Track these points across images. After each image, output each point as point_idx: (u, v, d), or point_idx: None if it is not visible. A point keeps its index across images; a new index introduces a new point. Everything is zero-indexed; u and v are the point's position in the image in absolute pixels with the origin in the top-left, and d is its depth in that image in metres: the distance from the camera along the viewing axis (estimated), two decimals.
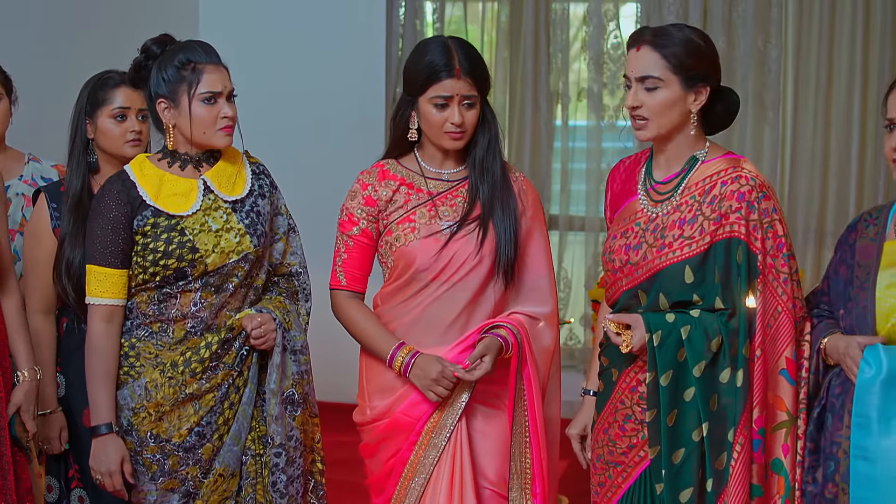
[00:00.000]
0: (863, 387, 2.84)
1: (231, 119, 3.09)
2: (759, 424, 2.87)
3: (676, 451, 2.89)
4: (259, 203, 3.17)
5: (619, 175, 3.15)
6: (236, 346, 3.12)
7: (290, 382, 3.14)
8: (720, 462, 2.88)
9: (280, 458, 3.12)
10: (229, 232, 3.10)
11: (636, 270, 2.97)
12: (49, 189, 3.46)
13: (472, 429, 3.17)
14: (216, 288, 3.09)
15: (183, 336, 3.09)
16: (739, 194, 2.89)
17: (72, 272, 3.31)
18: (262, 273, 3.18)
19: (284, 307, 3.19)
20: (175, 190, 3.10)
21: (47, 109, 4.49)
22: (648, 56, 2.92)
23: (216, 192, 3.12)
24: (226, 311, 3.11)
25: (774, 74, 6.22)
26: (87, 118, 3.40)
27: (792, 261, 2.94)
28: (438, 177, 3.23)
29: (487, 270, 3.16)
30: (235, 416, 3.12)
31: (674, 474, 2.89)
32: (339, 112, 6.18)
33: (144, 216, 3.07)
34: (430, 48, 3.14)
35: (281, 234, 3.25)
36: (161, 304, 3.09)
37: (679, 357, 2.87)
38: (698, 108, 2.93)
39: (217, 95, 3.07)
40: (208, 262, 3.07)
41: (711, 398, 2.88)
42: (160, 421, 3.08)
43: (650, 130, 2.95)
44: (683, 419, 2.89)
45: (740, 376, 2.86)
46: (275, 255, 3.23)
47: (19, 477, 3.18)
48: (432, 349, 3.14)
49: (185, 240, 3.07)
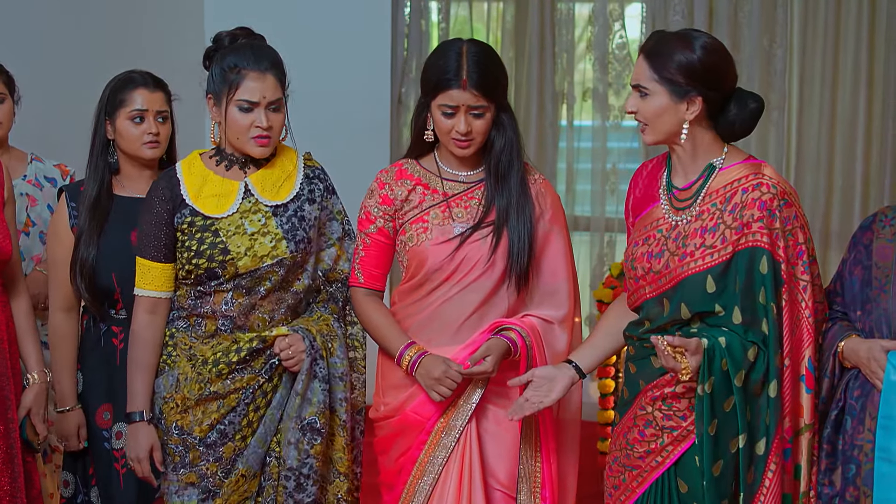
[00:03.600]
0: (890, 388, 2.82)
1: (265, 129, 3.08)
2: (788, 434, 2.87)
3: (717, 462, 2.86)
4: (305, 208, 3.17)
5: (642, 179, 3.13)
6: (266, 356, 3.13)
7: (313, 410, 3.11)
8: (750, 475, 2.86)
9: (289, 481, 3.11)
10: (265, 236, 3.11)
11: (659, 279, 2.95)
12: (70, 188, 3.48)
13: (482, 430, 3.18)
14: (248, 290, 3.11)
15: (214, 331, 3.13)
16: (761, 202, 2.86)
17: (86, 271, 3.32)
18: (305, 278, 3.17)
19: (328, 330, 3.18)
20: (216, 191, 3.13)
21: (50, 109, 4.50)
22: (641, 65, 2.94)
23: (257, 196, 3.14)
24: (257, 312, 3.13)
25: (780, 74, 6.21)
26: (106, 119, 3.41)
27: (813, 266, 2.92)
28: (455, 178, 3.23)
29: (500, 274, 3.16)
30: (262, 419, 3.13)
31: (712, 485, 2.85)
32: (343, 112, 6.17)
33: (183, 214, 3.12)
34: (445, 53, 3.13)
35: (334, 240, 3.25)
36: (197, 299, 3.14)
37: (723, 366, 2.83)
38: (692, 117, 2.92)
39: (253, 105, 3.07)
40: (239, 265, 3.08)
41: (746, 409, 2.85)
42: (185, 413, 3.11)
43: (649, 135, 2.97)
44: (724, 430, 2.85)
45: (773, 387, 2.84)
46: (326, 261, 3.22)
47: (30, 479, 3.19)
48: (444, 348, 3.15)
49: (218, 241, 3.09)
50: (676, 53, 2.91)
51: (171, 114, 3.46)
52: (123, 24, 5.62)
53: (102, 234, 3.36)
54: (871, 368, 2.87)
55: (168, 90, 3.46)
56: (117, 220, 3.38)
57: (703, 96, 2.91)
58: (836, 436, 2.95)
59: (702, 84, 2.91)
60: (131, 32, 5.64)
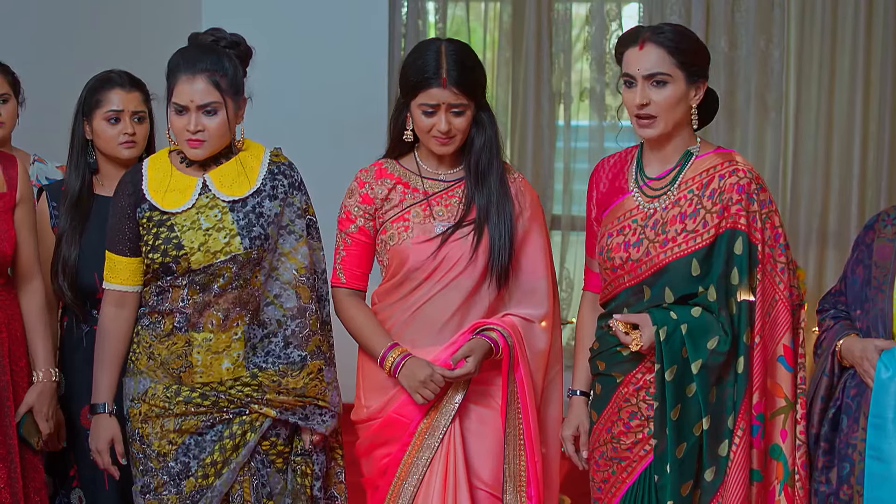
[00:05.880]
0: (880, 387, 2.85)
1: (193, 133, 3.04)
2: (758, 410, 2.91)
3: (680, 445, 2.92)
4: (265, 204, 3.12)
5: (605, 174, 3.16)
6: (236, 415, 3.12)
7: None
8: (721, 450, 2.91)
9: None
10: (220, 232, 3.08)
11: (638, 267, 2.98)
12: (51, 188, 3.48)
13: (466, 430, 3.18)
14: (202, 287, 3.08)
15: (170, 330, 3.10)
16: (739, 186, 2.93)
17: (68, 270, 3.32)
18: (262, 276, 3.11)
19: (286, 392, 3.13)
20: (175, 186, 3.11)
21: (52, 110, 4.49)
22: (654, 52, 2.94)
23: (214, 191, 3.11)
24: (212, 310, 3.08)
25: (777, 75, 6.21)
26: (84, 119, 3.41)
27: (788, 251, 2.99)
28: (435, 177, 3.23)
29: (481, 272, 3.17)
30: (228, 463, 3.10)
31: (677, 468, 2.92)
32: (340, 112, 6.17)
33: (143, 208, 3.11)
34: (423, 52, 3.13)
35: (303, 236, 3.17)
36: (158, 295, 3.12)
37: (683, 353, 2.90)
38: (697, 102, 2.96)
39: (184, 108, 3.04)
40: (192, 260, 3.06)
41: (711, 392, 2.91)
42: (145, 424, 3.11)
43: (657, 128, 2.97)
44: (687, 413, 2.92)
45: (741, 363, 2.90)
46: (298, 258, 3.15)
47: (30, 476, 3.19)
48: (427, 348, 3.15)
49: (173, 236, 3.07)
50: (685, 39, 2.95)
51: (149, 113, 3.46)
52: (124, 24, 5.63)
53: (84, 234, 3.36)
54: (863, 367, 2.90)
55: (146, 90, 3.47)
56: (98, 219, 3.38)
57: (707, 81, 2.98)
58: (833, 434, 2.97)
59: (706, 68, 2.98)
60: (131, 33, 5.65)
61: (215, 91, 3.05)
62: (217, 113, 3.05)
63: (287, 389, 3.09)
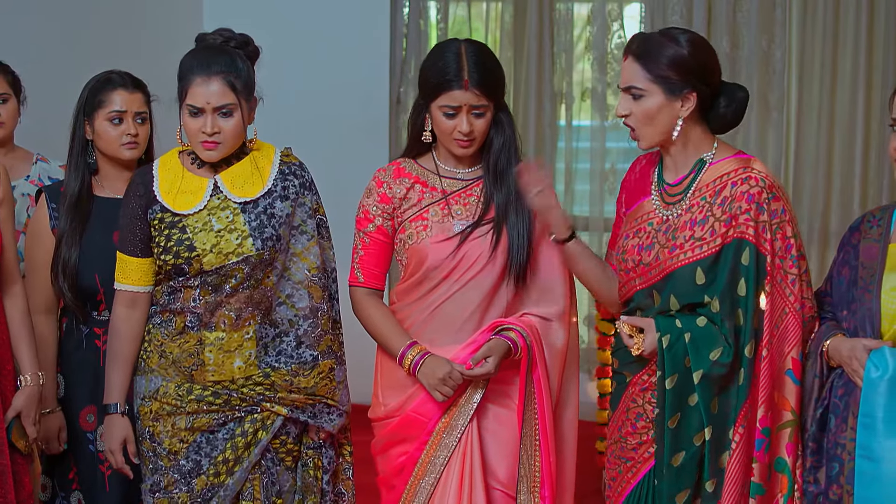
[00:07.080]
0: (870, 386, 2.85)
1: (210, 135, 3.04)
2: (763, 424, 2.89)
3: (677, 453, 2.92)
4: (277, 205, 3.12)
5: (635, 174, 3.16)
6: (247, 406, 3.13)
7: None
8: (721, 461, 2.90)
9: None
10: (231, 233, 3.08)
11: (649, 271, 2.99)
12: (50, 189, 3.47)
13: (483, 429, 3.19)
14: (214, 287, 3.08)
15: (182, 329, 3.11)
16: (749, 195, 2.90)
17: (68, 272, 3.31)
18: (274, 276, 3.12)
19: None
20: (187, 187, 3.12)
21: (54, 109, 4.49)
22: (631, 67, 2.95)
23: (226, 192, 3.11)
24: (224, 310, 3.10)
25: (778, 75, 6.21)
26: (85, 119, 3.41)
27: (801, 261, 2.95)
28: (453, 175, 3.24)
29: (500, 271, 3.17)
30: (240, 461, 3.11)
31: (672, 476, 2.92)
32: (342, 112, 6.18)
33: (154, 210, 3.12)
34: (444, 54, 3.14)
35: (314, 236, 3.17)
36: (170, 295, 3.13)
37: (685, 362, 2.89)
38: (687, 113, 2.94)
39: (199, 110, 3.04)
40: (204, 262, 3.07)
41: (713, 402, 2.90)
42: (156, 422, 3.12)
43: (643, 140, 2.98)
44: (686, 423, 2.91)
45: (742, 375, 2.89)
46: (310, 258, 3.15)
47: (20, 481, 3.17)
48: (446, 347, 3.16)
49: (185, 237, 3.08)
50: (666, 51, 2.92)
51: (149, 114, 3.45)
52: (124, 24, 5.63)
53: (84, 235, 3.35)
54: (852, 367, 2.89)
55: (147, 91, 3.46)
56: (98, 220, 3.37)
57: (698, 91, 2.93)
58: (820, 434, 2.97)
59: (696, 79, 2.93)
60: (132, 33, 5.65)
61: (231, 93, 3.05)
62: (233, 114, 3.06)
63: (298, 388, 3.10)
